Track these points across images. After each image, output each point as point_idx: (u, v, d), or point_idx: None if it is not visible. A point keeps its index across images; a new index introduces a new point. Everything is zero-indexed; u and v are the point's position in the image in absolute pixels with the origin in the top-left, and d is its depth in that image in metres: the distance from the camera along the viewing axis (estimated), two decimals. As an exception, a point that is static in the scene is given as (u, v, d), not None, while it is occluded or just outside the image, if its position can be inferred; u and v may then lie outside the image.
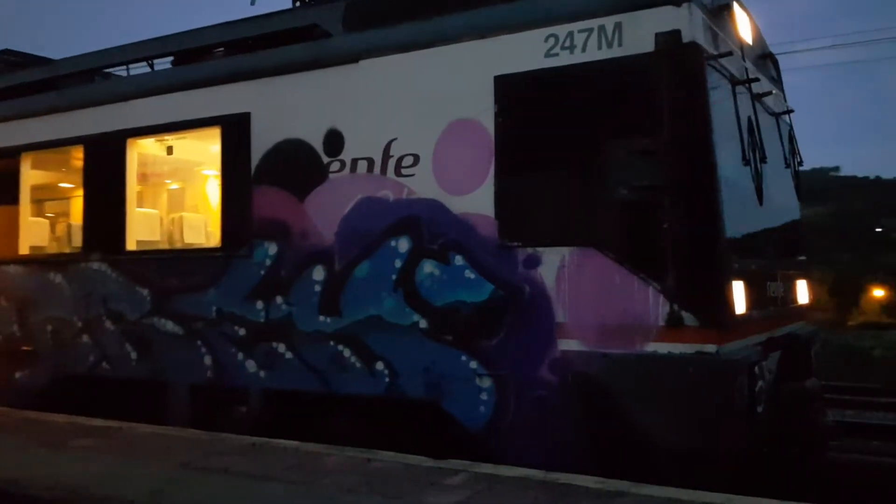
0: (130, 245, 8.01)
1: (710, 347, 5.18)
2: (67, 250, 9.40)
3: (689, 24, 5.33)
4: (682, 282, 5.26)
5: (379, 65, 6.59)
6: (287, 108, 7.03)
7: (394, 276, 6.38)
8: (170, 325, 7.62)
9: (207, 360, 7.38)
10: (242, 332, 7.17)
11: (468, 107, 6.11)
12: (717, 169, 5.31)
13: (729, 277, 5.37)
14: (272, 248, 7.03)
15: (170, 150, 8.95)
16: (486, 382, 5.97)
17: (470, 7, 6.29)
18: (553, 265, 5.72)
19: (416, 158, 6.34)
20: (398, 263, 6.38)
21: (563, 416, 5.64)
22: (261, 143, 7.15)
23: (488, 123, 6.03)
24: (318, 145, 6.83)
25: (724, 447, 5.20)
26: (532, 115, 5.89)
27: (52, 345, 8.48)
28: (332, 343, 6.67)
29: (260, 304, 7.08)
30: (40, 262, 8.95)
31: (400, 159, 6.41)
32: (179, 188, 11.23)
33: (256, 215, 7.14)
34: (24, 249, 8.99)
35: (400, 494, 5.03)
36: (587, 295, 5.59)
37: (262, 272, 7.07)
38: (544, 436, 5.72)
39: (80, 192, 8.58)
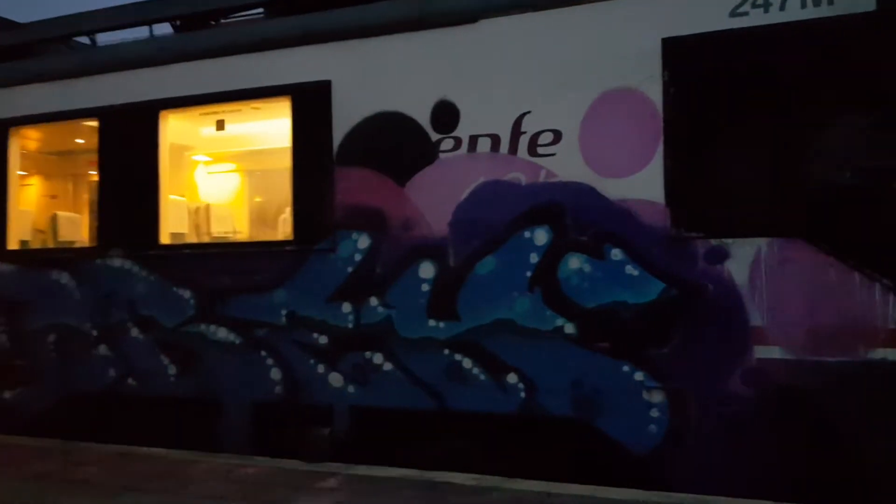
0: (164, 238, 6.71)
1: (952, 355, 4.49)
2: (73, 244, 7.96)
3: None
4: (921, 278, 4.53)
5: (504, 25, 5.59)
6: (380, 76, 5.94)
7: (529, 273, 5.43)
8: (222, 333, 6.40)
9: (275, 373, 6.21)
10: (324, 339, 6.05)
11: (627, 74, 5.22)
12: (956, 148, 4.61)
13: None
14: (363, 241, 5.94)
15: (221, 124, 7.64)
16: (657, 397, 5.11)
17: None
18: (746, 260, 4.90)
19: (558, 135, 5.40)
20: (535, 258, 5.42)
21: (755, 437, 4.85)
22: (345, 118, 6.03)
23: (654, 94, 5.15)
24: (423, 120, 5.78)
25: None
26: (713, 85, 5.04)
27: (55, 358, 7.08)
28: (446, 352, 5.66)
29: (348, 307, 5.98)
30: (38, 258, 7.46)
31: (535, 136, 5.46)
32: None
33: (340, 202, 6.02)
34: (13, 244, 7.50)
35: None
36: (793, 294, 4.80)
37: (350, 269, 5.97)
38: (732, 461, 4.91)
39: (92, 175, 7.19)
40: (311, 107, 6.14)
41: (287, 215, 7.33)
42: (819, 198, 4.78)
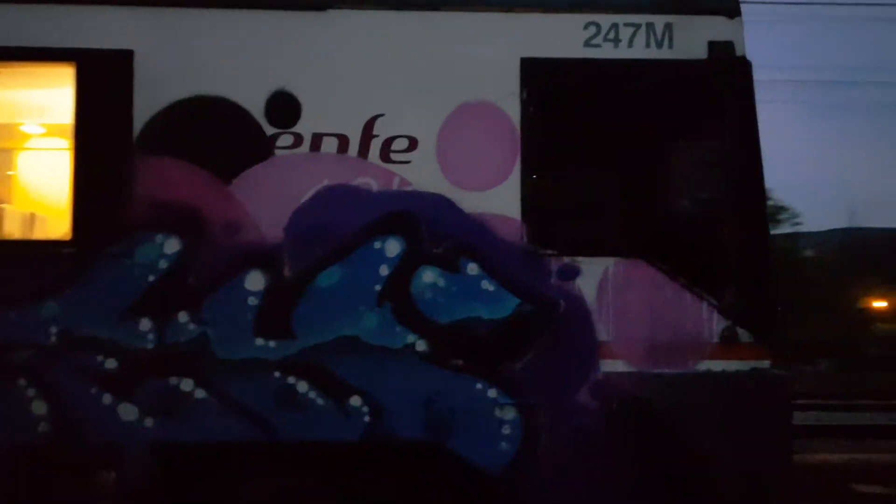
0: None
1: (765, 363, 5.19)
2: None
3: (741, 36, 5.31)
4: (741, 297, 5.17)
5: (358, 19, 5.18)
6: (201, 53, 5.09)
7: (378, 287, 5.05)
8: (-46, 358, 4.87)
9: (39, 407, 4.89)
10: (112, 363, 4.93)
11: (487, 88, 5.17)
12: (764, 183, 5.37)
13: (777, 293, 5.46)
14: (171, 245, 4.99)
15: None
16: (510, 414, 5.08)
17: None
18: (595, 278, 5.14)
19: (414, 142, 5.13)
20: (385, 270, 5.07)
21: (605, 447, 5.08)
22: (151, 97, 5.04)
23: (512, 111, 5.18)
24: (256, 110, 5.08)
25: (784, 460, 5.24)
26: (568, 107, 5.23)
27: None
28: (276, 374, 4.99)
29: (147, 324, 4.96)
30: None
31: (389, 141, 5.12)
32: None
33: (141, 197, 5.00)
34: None
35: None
36: (635, 311, 5.15)
37: (152, 278, 4.97)
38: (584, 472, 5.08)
39: None
40: (103, 80, 5.03)
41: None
42: (656, 222, 5.24)
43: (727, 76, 5.26)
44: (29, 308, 4.90)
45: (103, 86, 5.04)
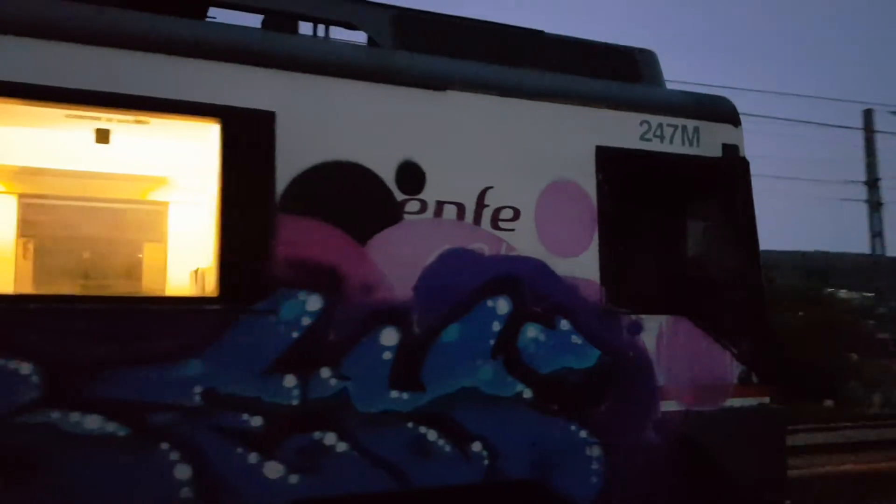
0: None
1: (766, 399, 6.51)
2: None
3: (742, 141, 6.72)
4: (752, 347, 6.46)
5: (470, 101, 5.75)
6: (338, 120, 5.32)
7: (492, 342, 5.59)
8: (91, 423, 4.52)
9: (183, 471, 4.69)
10: (257, 421, 4.89)
11: (571, 169, 6.01)
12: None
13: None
14: (313, 302, 5.11)
15: (103, 134, 5.02)
16: (596, 451, 5.84)
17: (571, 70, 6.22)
18: (653, 332, 6.13)
19: (517, 212, 5.79)
20: (497, 327, 5.62)
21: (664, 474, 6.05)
22: (292, 159, 5.16)
23: (590, 189, 6.06)
24: (388, 177, 5.41)
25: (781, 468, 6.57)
26: (629, 189, 6.21)
27: None
28: (409, 424, 5.28)
29: (291, 380, 5.00)
30: None
31: (497, 211, 5.73)
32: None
33: (284, 255, 5.07)
34: None
35: None
36: (681, 360, 6.21)
37: (296, 334, 5.04)
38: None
39: None
40: (247, 139, 5.06)
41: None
42: (693, 286, 6.40)
43: (735, 172, 6.64)
44: (169, 367, 4.74)
45: (247, 145, 5.07)
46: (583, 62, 6.43)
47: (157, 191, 6.81)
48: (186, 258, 6.55)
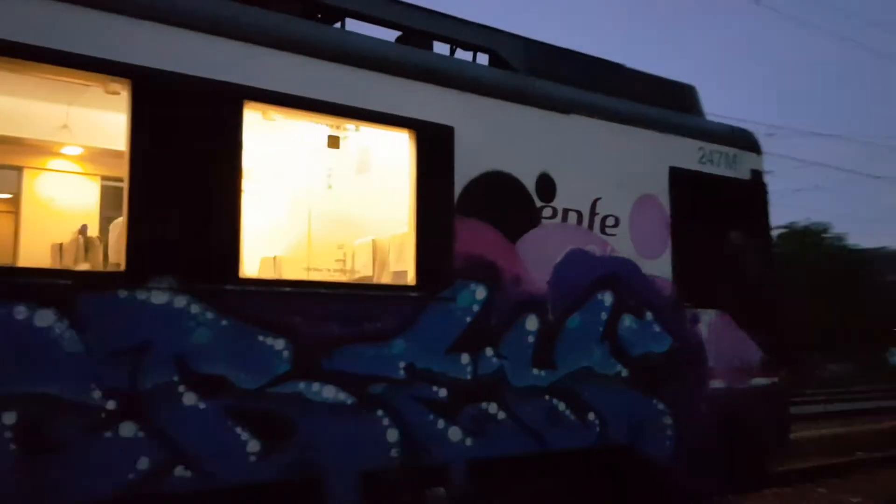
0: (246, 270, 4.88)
1: (776, 379, 8.01)
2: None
3: (762, 167, 8.17)
4: (768, 337, 7.93)
5: (586, 124, 6.77)
6: (496, 136, 6.19)
7: (601, 329, 6.67)
8: (328, 393, 5.16)
9: (393, 434, 5.42)
10: (443, 392, 5.69)
11: (653, 185, 7.18)
12: (771, 264, 8.25)
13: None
14: (480, 292, 5.97)
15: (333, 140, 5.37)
16: (670, 420, 7.06)
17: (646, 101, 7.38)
18: (706, 324, 7.44)
19: (618, 220, 6.89)
20: (604, 316, 6.71)
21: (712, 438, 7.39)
22: (465, 168, 5.98)
23: (665, 203, 7.27)
24: (531, 186, 6.34)
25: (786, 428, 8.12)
26: (691, 204, 7.46)
27: (23, 452, 4.11)
28: (546, 397, 6.26)
29: (466, 358, 5.84)
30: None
31: (605, 218, 6.81)
32: None
33: (459, 251, 5.89)
34: None
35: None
36: (723, 347, 7.56)
37: (469, 319, 5.88)
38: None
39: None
40: (434, 149, 5.83)
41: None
42: (731, 286, 7.77)
43: (759, 193, 8.10)
44: (383, 345, 5.46)
45: (434, 155, 5.84)
46: (654, 93, 7.64)
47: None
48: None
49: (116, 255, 5.49)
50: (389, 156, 6.64)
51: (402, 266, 6.23)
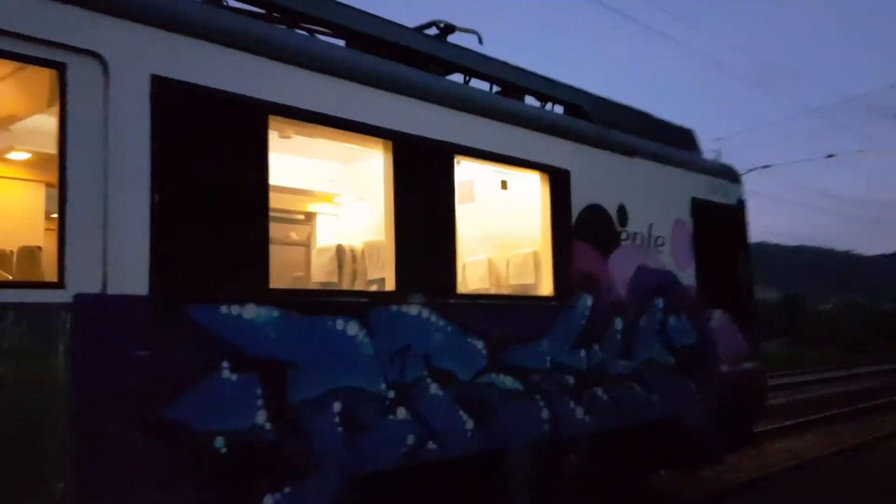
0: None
1: (756, 363, 10.12)
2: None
3: (744, 195, 10.27)
4: (755, 330, 10.03)
5: (642, 164, 8.51)
6: (592, 176, 7.79)
7: (658, 328, 8.44)
8: (508, 382, 6.59)
9: (545, 413, 6.91)
10: (571, 380, 7.24)
11: (682, 212, 9.05)
12: (750, 273, 10.35)
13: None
14: (588, 300, 7.56)
15: (504, 184, 6.53)
16: (697, 397, 8.95)
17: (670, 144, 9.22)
18: (716, 321, 9.41)
19: (663, 240, 8.69)
20: (660, 317, 8.49)
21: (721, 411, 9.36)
22: (576, 202, 7.55)
23: (690, 226, 9.15)
24: (613, 215, 8.01)
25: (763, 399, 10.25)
26: (705, 228, 9.39)
27: (339, 433, 5.28)
28: (629, 382, 7.95)
29: (582, 353, 7.42)
30: (304, 301, 5.11)
31: (657, 239, 8.58)
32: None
33: (576, 268, 7.45)
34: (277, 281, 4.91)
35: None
36: (723, 337, 9.56)
37: (583, 322, 7.46)
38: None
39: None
40: (559, 188, 7.37)
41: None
42: (727, 290, 9.79)
43: (743, 216, 10.20)
44: (535, 344, 6.95)
45: (560, 192, 7.37)
46: (670, 136, 9.52)
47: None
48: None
49: (371, 272, 6.72)
50: (486, 189, 8.12)
51: (522, 280, 7.74)
